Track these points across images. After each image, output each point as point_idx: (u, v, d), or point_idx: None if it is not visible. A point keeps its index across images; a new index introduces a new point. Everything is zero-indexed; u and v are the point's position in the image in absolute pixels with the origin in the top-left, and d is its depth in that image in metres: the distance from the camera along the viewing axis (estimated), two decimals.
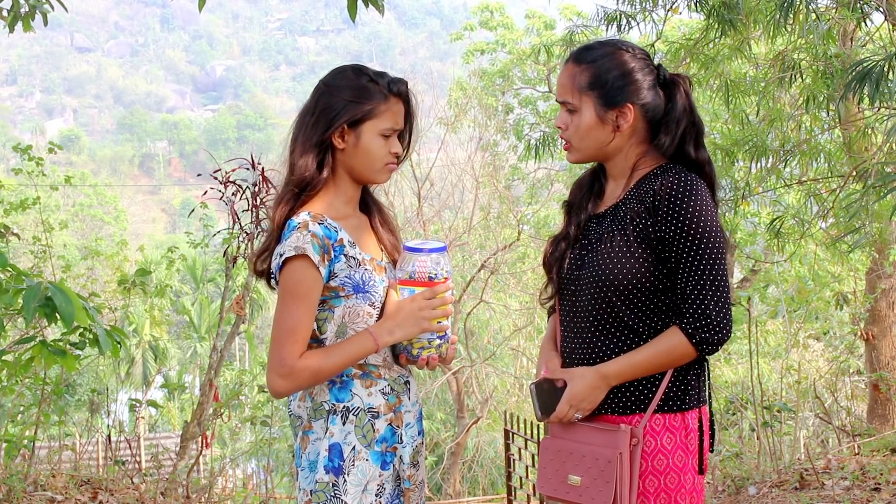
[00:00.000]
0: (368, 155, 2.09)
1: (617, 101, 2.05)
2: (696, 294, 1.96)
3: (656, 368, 1.99)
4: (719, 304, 1.96)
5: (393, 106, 2.11)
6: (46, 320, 3.22)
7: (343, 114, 2.07)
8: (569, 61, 2.11)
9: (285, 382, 1.99)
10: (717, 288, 1.96)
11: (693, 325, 1.96)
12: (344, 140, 2.09)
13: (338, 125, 2.07)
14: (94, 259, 10.56)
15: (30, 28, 4.87)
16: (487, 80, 16.42)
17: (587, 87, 2.06)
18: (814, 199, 6.89)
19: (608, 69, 2.05)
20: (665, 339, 1.99)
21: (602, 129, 2.07)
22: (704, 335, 1.96)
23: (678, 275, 1.99)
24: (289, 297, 2.00)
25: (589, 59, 2.07)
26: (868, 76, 3.55)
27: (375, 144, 2.09)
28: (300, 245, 1.99)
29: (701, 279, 1.96)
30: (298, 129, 2.12)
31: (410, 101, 2.16)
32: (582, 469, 2.03)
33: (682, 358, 1.99)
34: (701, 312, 1.95)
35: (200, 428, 6.22)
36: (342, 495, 2.02)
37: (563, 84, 2.10)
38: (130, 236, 34.44)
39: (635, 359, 1.99)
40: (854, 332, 9.12)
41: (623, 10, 6.12)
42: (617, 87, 2.04)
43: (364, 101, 2.08)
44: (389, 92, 2.10)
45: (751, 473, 5.77)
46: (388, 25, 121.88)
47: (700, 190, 1.99)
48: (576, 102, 2.07)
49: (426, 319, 2.04)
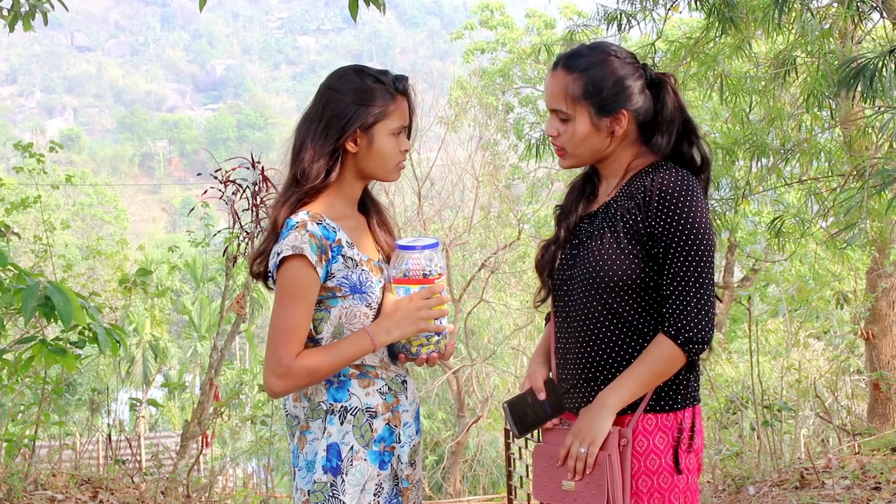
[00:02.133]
0: (382, 156, 2.09)
1: (611, 108, 2.04)
2: (678, 292, 1.96)
3: (653, 381, 1.98)
4: (700, 303, 1.95)
5: (400, 104, 2.11)
6: (46, 319, 3.23)
7: (355, 119, 2.06)
8: (557, 68, 2.08)
9: (282, 382, 1.98)
10: (699, 286, 1.95)
11: (675, 326, 1.95)
12: (357, 144, 2.08)
13: (351, 131, 2.06)
14: (94, 258, 10.57)
15: (30, 27, 4.87)
16: (488, 80, 16.43)
17: (581, 97, 2.04)
18: (814, 198, 6.88)
19: (602, 77, 2.04)
20: (653, 349, 1.98)
21: (597, 136, 2.06)
22: (687, 334, 1.95)
23: (663, 270, 1.98)
24: (286, 297, 2.00)
25: (581, 68, 2.05)
26: (862, 73, 3.54)
27: (388, 145, 2.09)
28: (297, 245, 1.98)
29: (685, 277, 1.95)
30: (306, 135, 2.09)
31: (412, 96, 2.17)
32: None
33: (673, 363, 1.97)
34: (681, 311, 1.95)
35: (201, 427, 6.22)
36: (340, 495, 2.01)
37: (554, 93, 2.08)
38: (131, 235, 34.46)
39: (629, 378, 1.98)
40: (854, 331, 9.12)
41: (623, 10, 6.11)
42: (611, 95, 2.03)
43: (373, 104, 2.07)
44: (395, 90, 2.11)
45: (751, 472, 5.77)
46: (389, 24, 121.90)
47: (693, 187, 1.99)
48: (569, 111, 2.05)
49: (423, 319, 2.03)
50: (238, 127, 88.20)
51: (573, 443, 2.01)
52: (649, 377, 1.97)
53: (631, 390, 1.98)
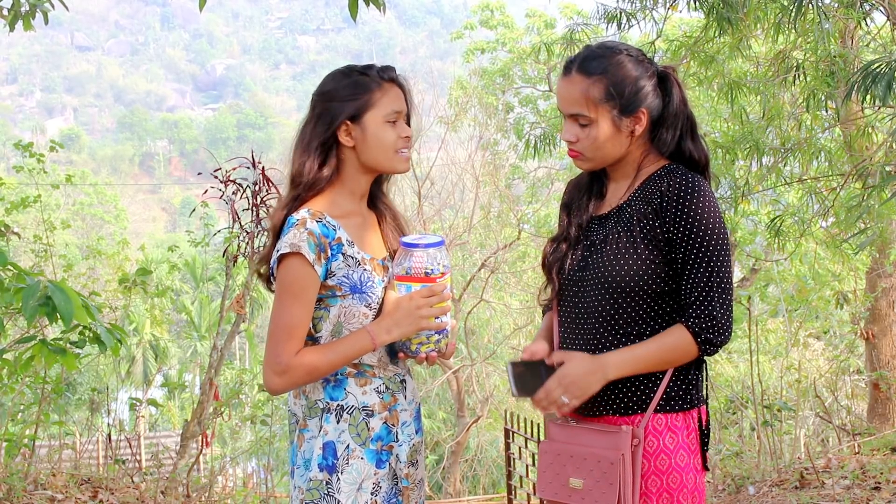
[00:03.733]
0: (379, 143, 2.08)
1: (632, 109, 2.04)
2: (703, 295, 1.96)
3: (657, 365, 1.98)
4: (724, 306, 1.97)
5: (389, 91, 2.10)
6: (47, 319, 3.22)
7: (340, 112, 2.07)
8: (572, 73, 2.06)
9: (280, 379, 1.99)
10: (722, 290, 1.97)
11: (699, 325, 1.96)
12: (351, 136, 2.08)
13: (339, 123, 2.07)
14: (94, 258, 10.57)
15: (30, 27, 4.86)
16: (488, 79, 16.41)
17: (603, 100, 2.03)
18: (814, 197, 6.89)
19: (621, 79, 2.03)
20: (670, 335, 1.98)
21: (618, 137, 2.06)
22: (709, 335, 1.96)
23: (684, 275, 1.98)
24: (285, 295, 2.00)
25: (599, 70, 2.03)
26: (878, 78, 3.55)
27: (383, 131, 2.08)
28: (296, 242, 1.99)
29: (709, 281, 1.96)
30: (298, 138, 2.12)
31: (405, 86, 2.15)
32: (584, 472, 2.02)
33: (684, 356, 1.98)
34: (707, 313, 1.96)
35: (201, 427, 6.22)
36: (336, 493, 2.02)
37: (573, 98, 2.05)
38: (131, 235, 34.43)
39: (638, 352, 1.98)
40: (854, 330, 9.12)
41: (623, 9, 6.11)
42: (631, 95, 2.03)
43: (359, 95, 2.08)
44: (381, 79, 2.10)
45: (751, 472, 5.77)
46: (389, 24, 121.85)
47: (706, 191, 2.00)
48: (591, 115, 2.04)
49: (424, 318, 2.02)
50: (238, 126, 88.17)
51: (557, 388, 1.98)
52: (656, 361, 1.98)
53: (636, 367, 1.97)
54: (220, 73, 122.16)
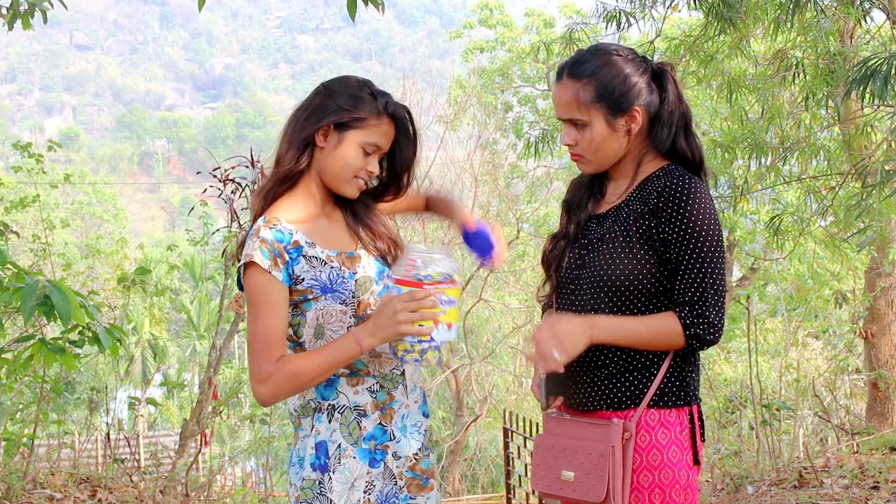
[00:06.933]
0: (343, 162, 2.07)
1: (624, 107, 2.06)
2: (696, 295, 1.99)
3: (641, 342, 2.00)
4: (717, 307, 1.99)
5: (383, 125, 2.09)
6: (45, 318, 3.23)
7: (332, 113, 2.07)
8: (563, 78, 2.10)
9: (264, 387, 1.97)
10: (715, 291, 1.99)
11: (690, 319, 1.98)
12: (326, 140, 2.08)
13: (324, 123, 2.07)
14: (93, 257, 10.56)
15: (29, 26, 4.86)
16: (487, 79, 16.43)
17: (593, 101, 2.06)
18: (813, 196, 6.89)
19: (610, 78, 2.06)
20: (661, 319, 2.00)
21: (615, 136, 2.08)
22: (698, 331, 1.98)
23: (678, 275, 2.00)
24: (251, 305, 2.01)
25: (588, 73, 2.07)
26: (875, 74, 3.54)
27: (353, 154, 2.07)
28: (248, 252, 2.00)
29: (702, 282, 1.99)
30: (290, 124, 2.12)
31: (406, 128, 2.14)
32: (575, 464, 2.04)
33: (669, 344, 2.00)
34: (700, 311, 1.98)
35: (199, 426, 6.22)
36: (328, 492, 2.02)
37: (565, 102, 2.09)
38: (130, 234, 34.45)
39: (627, 324, 2.00)
40: (853, 330, 9.12)
41: (622, 8, 6.11)
42: (622, 93, 2.05)
43: (356, 109, 2.07)
44: (384, 110, 2.09)
45: (750, 472, 5.77)
46: (388, 23, 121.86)
47: (703, 192, 2.01)
48: (584, 118, 2.07)
49: (401, 322, 1.93)
50: (237, 126, 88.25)
51: (547, 340, 1.96)
52: (641, 340, 1.99)
53: (619, 337, 1.99)
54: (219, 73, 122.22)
